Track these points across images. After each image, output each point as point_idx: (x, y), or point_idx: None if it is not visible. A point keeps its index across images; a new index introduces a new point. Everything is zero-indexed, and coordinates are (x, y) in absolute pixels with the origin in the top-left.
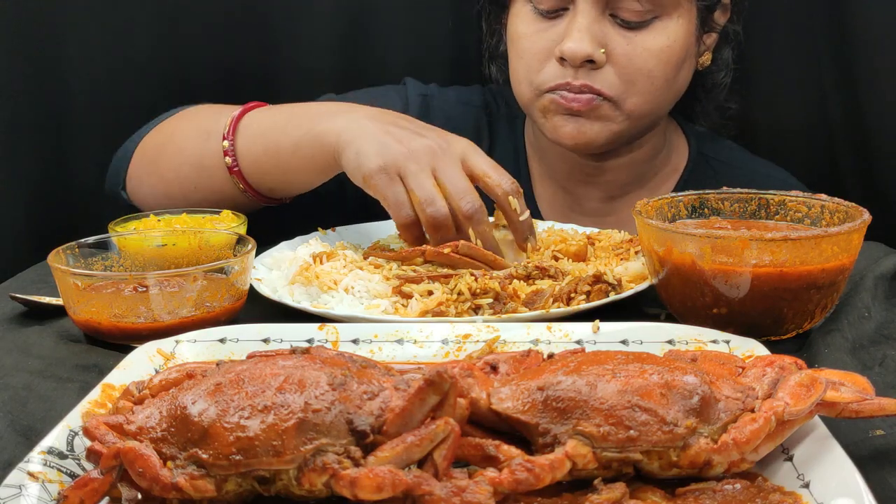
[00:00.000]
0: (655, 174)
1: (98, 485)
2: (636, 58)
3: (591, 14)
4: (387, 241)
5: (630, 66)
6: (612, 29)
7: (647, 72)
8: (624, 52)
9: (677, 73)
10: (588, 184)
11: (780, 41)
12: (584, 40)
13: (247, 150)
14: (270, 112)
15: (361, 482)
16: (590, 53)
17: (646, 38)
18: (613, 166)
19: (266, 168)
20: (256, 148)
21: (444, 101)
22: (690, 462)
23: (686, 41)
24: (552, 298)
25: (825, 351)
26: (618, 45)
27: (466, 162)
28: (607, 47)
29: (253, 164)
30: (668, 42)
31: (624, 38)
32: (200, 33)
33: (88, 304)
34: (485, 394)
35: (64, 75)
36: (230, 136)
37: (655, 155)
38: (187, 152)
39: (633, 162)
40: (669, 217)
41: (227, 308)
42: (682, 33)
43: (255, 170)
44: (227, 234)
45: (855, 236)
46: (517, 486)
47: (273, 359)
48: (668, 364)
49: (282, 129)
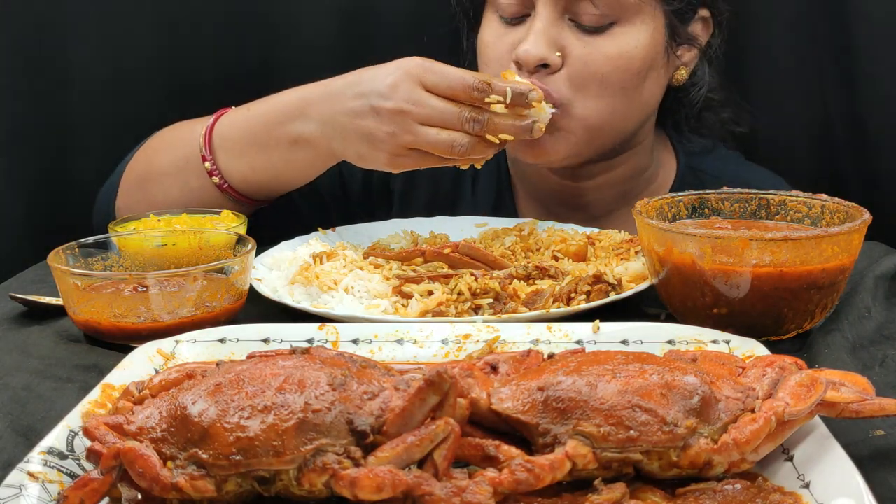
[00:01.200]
0: (641, 192)
1: (98, 485)
2: (591, 62)
3: (549, 18)
4: (387, 241)
5: (584, 69)
6: (571, 33)
7: (602, 77)
8: (579, 55)
9: (639, 83)
10: (571, 206)
11: (781, 41)
12: (538, 43)
13: (233, 167)
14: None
15: (361, 482)
16: (544, 56)
17: (604, 42)
18: (592, 187)
19: (258, 181)
20: (242, 165)
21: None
22: (691, 462)
23: (650, 50)
24: (552, 298)
25: (825, 351)
26: (574, 49)
27: (426, 85)
28: (563, 51)
29: (242, 180)
30: (626, 48)
31: (581, 41)
32: (201, 33)
33: (88, 304)
34: (485, 394)
35: (64, 75)
36: (209, 155)
37: (640, 174)
38: (170, 179)
39: (613, 182)
40: (669, 217)
41: (227, 308)
42: (643, 41)
43: (247, 185)
44: (227, 234)
45: (855, 236)
46: (517, 486)
47: (273, 359)
48: (668, 364)
49: (262, 144)
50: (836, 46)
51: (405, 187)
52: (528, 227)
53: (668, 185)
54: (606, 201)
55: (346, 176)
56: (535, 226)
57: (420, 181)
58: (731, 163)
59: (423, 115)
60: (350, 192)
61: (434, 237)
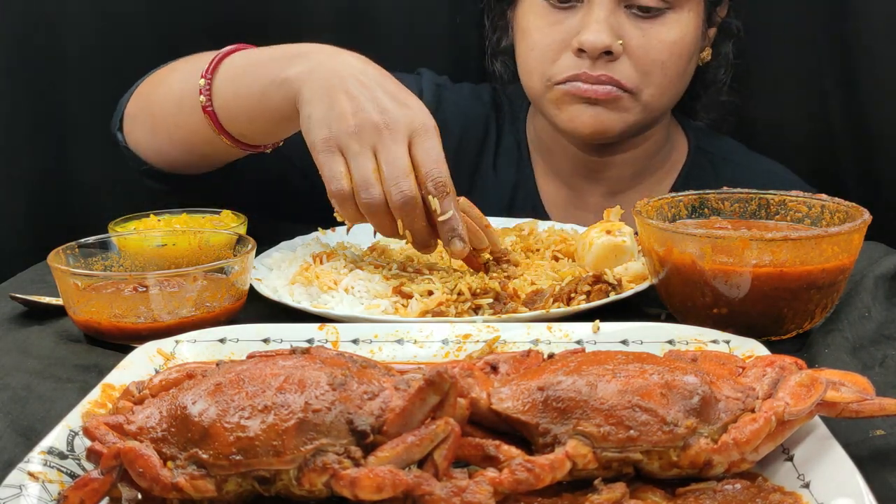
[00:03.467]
0: (656, 170)
1: (98, 485)
2: (651, 49)
3: (608, 5)
4: (387, 241)
5: (646, 57)
6: (628, 20)
7: (661, 63)
8: (640, 43)
9: (689, 67)
10: (591, 179)
11: (781, 40)
12: (602, 31)
13: (221, 90)
14: (252, 53)
15: (361, 482)
16: (609, 44)
17: (660, 30)
18: (617, 161)
19: (234, 112)
20: (228, 90)
21: (458, 95)
22: (691, 462)
23: (695, 35)
24: (552, 298)
25: (825, 351)
26: (634, 37)
27: (412, 145)
28: (623, 39)
29: (223, 106)
30: (680, 34)
31: (639, 29)
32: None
33: (88, 304)
34: (485, 394)
35: (64, 75)
36: (208, 74)
37: (657, 151)
38: (173, 89)
39: (635, 157)
40: (670, 217)
41: (227, 308)
42: (692, 26)
43: (226, 113)
44: (227, 234)
45: (855, 236)
46: (517, 486)
47: (273, 359)
48: (668, 364)
49: (253, 74)
50: (836, 46)
51: None
52: (528, 227)
53: (681, 164)
54: (625, 176)
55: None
56: (535, 226)
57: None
58: (739, 148)
59: (381, 148)
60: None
61: None
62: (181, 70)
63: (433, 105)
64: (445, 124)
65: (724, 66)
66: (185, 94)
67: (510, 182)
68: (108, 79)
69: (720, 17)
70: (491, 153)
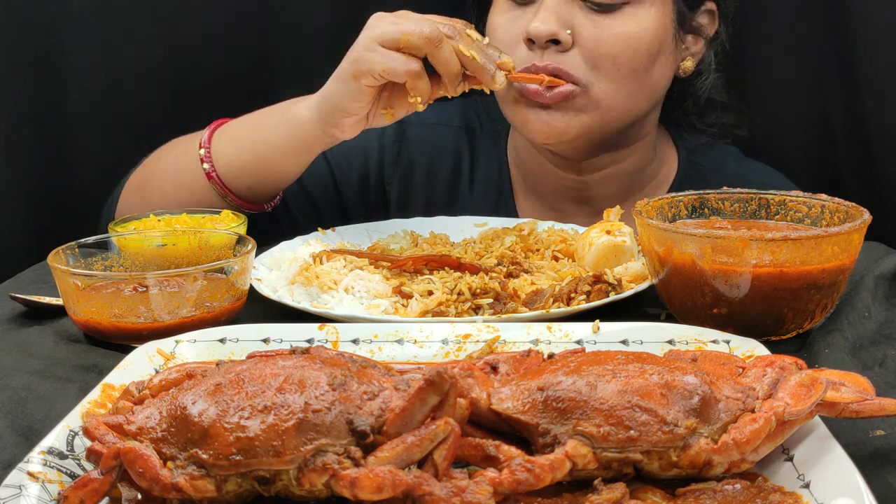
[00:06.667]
0: (643, 187)
1: (98, 485)
2: (602, 42)
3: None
4: (387, 241)
5: (596, 50)
6: (581, 12)
7: (613, 57)
8: (591, 35)
9: (649, 66)
10: (575, 201)
11: (781, 41)
12: (549, 20)
13: (221, 152)
14: (245, 117)
15: (361, 482)
16: (555, 32)
17: (614, 22)
18: (598, 179)
19: (242, 164)
20: (230, 149)
21: (423, 127)
22: (691, 462)
23: (658, 33)
24: (552, 298)
25: (825, 351)
26: (584, 28)
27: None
28: (574, 30)
29: (228, 164)
30: (636, 29)
31: (591, 21)
32: (200, 34)
33: (88, 304)
34: (485, 394)
35: (64, 75)
36: (206, 144)
37: (643, 168)
38: (168, 172)
39: (618, 175)
40: (669, 217)
41: (227, 308)
42: (653, 23)
43: (231, 169)
44: (227, 234)
45: (855, 236)
46: (517, 486)
47: (273, 359)
48: (668, 364)
49: (254, 126)
50: (836, 47)
51: (402, 197)
52: (528, 227)
53: (670, 179)
54: (611, 195)
55: (342, 185)
56: (535, 226)
57: (415, 188)
58: (731, 158)
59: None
60: (346, 203)
61: (434, 237)
62: (169, 156)
63: (396, 146)
64: (411, 163)
65: (705, 76)
66: (182, 172)
67: (490, 208)
68: (108, 79)
69: (706, 31)
70: (465, 181)
